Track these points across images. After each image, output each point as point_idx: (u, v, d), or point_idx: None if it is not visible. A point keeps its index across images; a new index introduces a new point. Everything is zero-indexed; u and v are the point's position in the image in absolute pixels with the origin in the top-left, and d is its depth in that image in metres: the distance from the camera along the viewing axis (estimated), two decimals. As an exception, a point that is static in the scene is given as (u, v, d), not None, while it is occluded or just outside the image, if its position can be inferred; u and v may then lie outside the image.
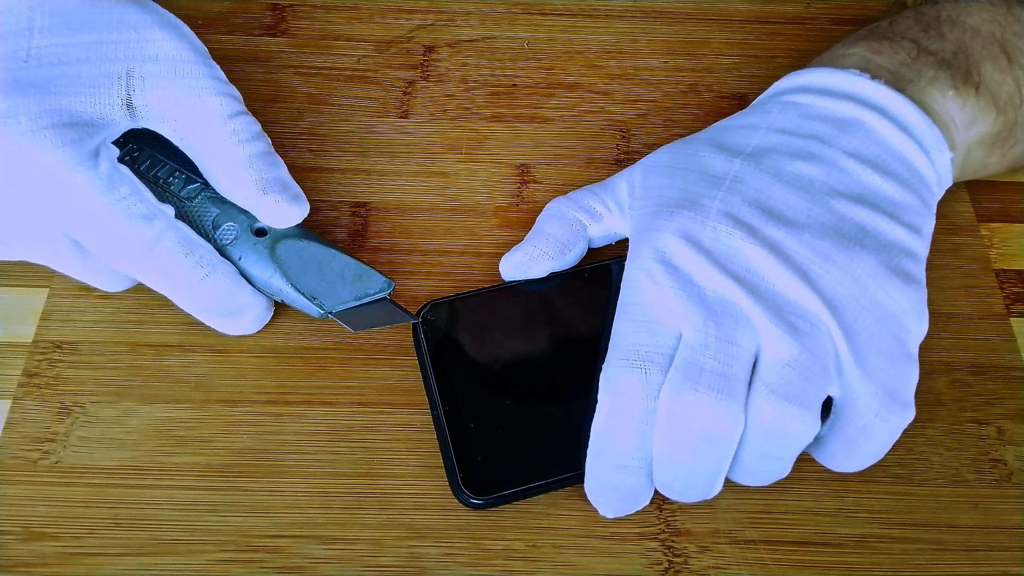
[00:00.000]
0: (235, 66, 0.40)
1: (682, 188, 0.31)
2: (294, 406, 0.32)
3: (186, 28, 0.32)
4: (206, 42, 0.33)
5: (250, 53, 0.41)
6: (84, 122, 0.29)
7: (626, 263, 0.30)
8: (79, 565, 0.29)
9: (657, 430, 0.27)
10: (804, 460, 0.31)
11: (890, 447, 0.28)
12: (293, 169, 0.33)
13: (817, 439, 0.29)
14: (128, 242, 0.29)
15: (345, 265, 0.32)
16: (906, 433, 0.27)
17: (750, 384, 0.27)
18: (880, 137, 0.31)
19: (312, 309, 0.31)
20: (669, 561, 0.30)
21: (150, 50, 0.30)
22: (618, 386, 0.27)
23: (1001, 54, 0.33)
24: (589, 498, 0.29)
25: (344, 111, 0.39)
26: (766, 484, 0.28)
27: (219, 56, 0.41)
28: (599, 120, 0.40)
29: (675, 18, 0.43)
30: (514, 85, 0.41)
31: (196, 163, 0.32)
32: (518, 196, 0.37)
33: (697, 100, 0.41)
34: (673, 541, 0.30)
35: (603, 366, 0.28)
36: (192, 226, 0.31)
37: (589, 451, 0.28)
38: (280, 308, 0.34)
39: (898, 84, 0.32)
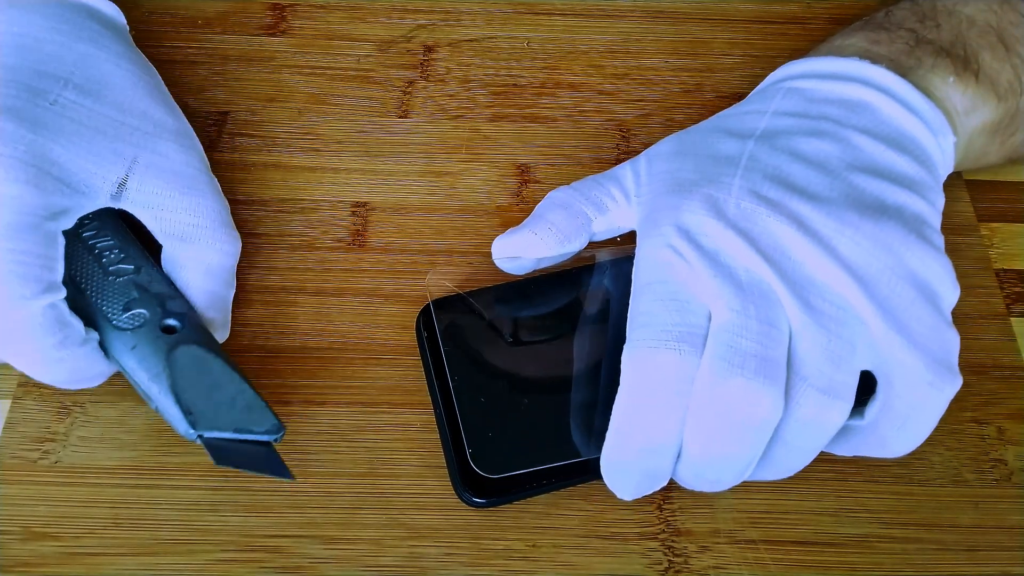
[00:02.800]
0: (235, 66, 0.40)
1: (696, 169, 0.30)
2: (294, 406, 0.32)
3: (198, 141, 0.33)
4: (206, 42, 0.33)
5: (250, 53, 0.41)
6: (69, 184, 0.29)
7: (639, 243, 0.29)
8: (79, 565, 0.29)
9: (693, 416, 0.26)
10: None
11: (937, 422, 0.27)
12: (293, 169, 0.33)
13: (857, 428, 0.28)
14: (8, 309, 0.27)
15: (240, 393, 0.28)
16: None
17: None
18: (888, 117, 0.31)
19: (182, 425, 0.27)
20: (669, 561, 0.30)
21: (161, 147, 0.31)
22: (648, 367, 0.26)
23: (998, 43, 0.33)
24: (605, 479, 0.28)
25: (344, 111, 0.39)
26: (783, 477, 0.28)
27: (219, 56, 0.41)
28: (600, 120, 0.40)
29: (676, 18, 0.43)
30: (515, 85, 0.41)
31: (164, 251, 0.31)
32: (518, 196, 0.37)
33: (698, 100, 0.41)
34: (673, 541, 0.30)
35: (626, 346, 0.27)
36: (102, 301, 0.30)
37: (610, 433, 0.27)
38: (281, 307, 0.34)
39: (899, 71, 0.32)
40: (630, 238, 0.32)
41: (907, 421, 0.27)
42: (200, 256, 0.31)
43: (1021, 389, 0.33)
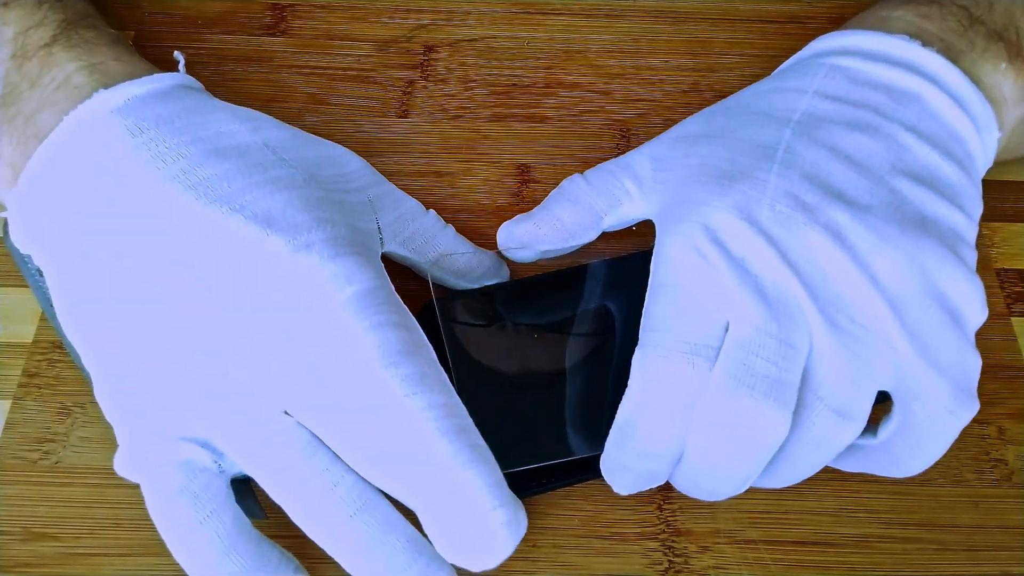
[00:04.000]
0: (235, 66, 0.40)
1: (727, 158, 0.28)
2: (294, 406, 0.32)
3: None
4: (206, 42, 0.33)
5: (250, 53, 0.41)
6: (366, 247, 0.28)
7: (660, 236, 0.28)
8: (79, 565, 0.29)
9: (696, 428, 0.25)
10: (804, 460, 0.31)
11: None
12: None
13: (867, 447, 0.27)
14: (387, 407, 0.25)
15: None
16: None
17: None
18: (936, 111, 0.29)
19: None
20: (669, 561, 0.30)
21: (361, 180, 0.32)
22: (658, 376, 0.25)
23: None
24: (604, 474, 0.28)
25: (344, 111, 0.39)
26: (781, 487, 0.28)
27: (219, 56, 0.41)
28: (599, 120, 0.40)
29: (676, 18, 0.43)
30: (515, 85, 0.41)
31: (416, 266, 0.33)
32: (518, 196, 0.37)
33: (698, 99, 0.41)
34: (673, 541, 0.30)
35: (638, 349, 0.26)
36: None
37: (613, 434, 0.27)
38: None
39: (950, 54, 0.29)
40: (645, 229, 0.32)
41: (922, 444, 0.26)
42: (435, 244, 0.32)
43: (1021, 389, 0.33)
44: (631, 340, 0.27)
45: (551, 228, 0.31)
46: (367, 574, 0.25)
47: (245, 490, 0.27)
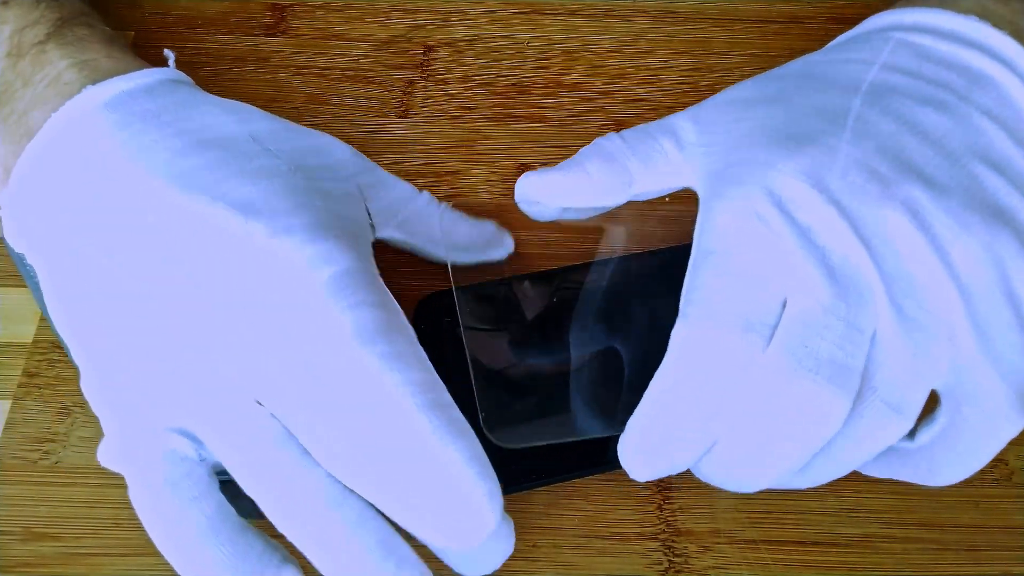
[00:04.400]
0: (235, 66, 0.40)
1: (790, 120, 0.26)
2: (294, 406, 0.32)
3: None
4: (206, 42, 0.33)
5: (250, 53, 0.41)
6: (350, 232, 0.28)
7: (706, 202, 0.26)
8: (79, 565, 0.29)
9: (742, 412, 0.23)
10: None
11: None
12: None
13: (903, 451, 0.25)
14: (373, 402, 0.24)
15: None
16: (907, 433, 0.27)
17: None
18: (1011, 99, 0.26)
19: None
20: (670, 561, 0.30)
21: (349, 168, 0.31)
22: (702, 350, 0.23)
23: None
24: (622, 458, 0.25)
25: (344, 111, 0.39)
26: (808, 487, 0.26)
27: (219, 56, 0.41)
28: (599, 120, 0.40)
29: (676, 18, 0.43)
30: (515, 85, 0.41)
31: (417, 248, 0.33)
32: (518, 196, 0.37)
33: (698, 99, 0.40)
34: (674, 541, 0.30)
35: (679, 321, 0.24)
36: None
37: (641, 411, 0.24)
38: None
39: (1020, 39, 0.27)
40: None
41: (967, 451, 0.24)
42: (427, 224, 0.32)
43: (1022, 388, 0.33)
44: (652, 331, 0.26)
45: (578, 183, 0.28)
46: (335, 569, 0.23)
47: (239, 489, 0.27)
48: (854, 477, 0.31)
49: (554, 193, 0.28)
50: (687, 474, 0.31)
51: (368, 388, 0.24)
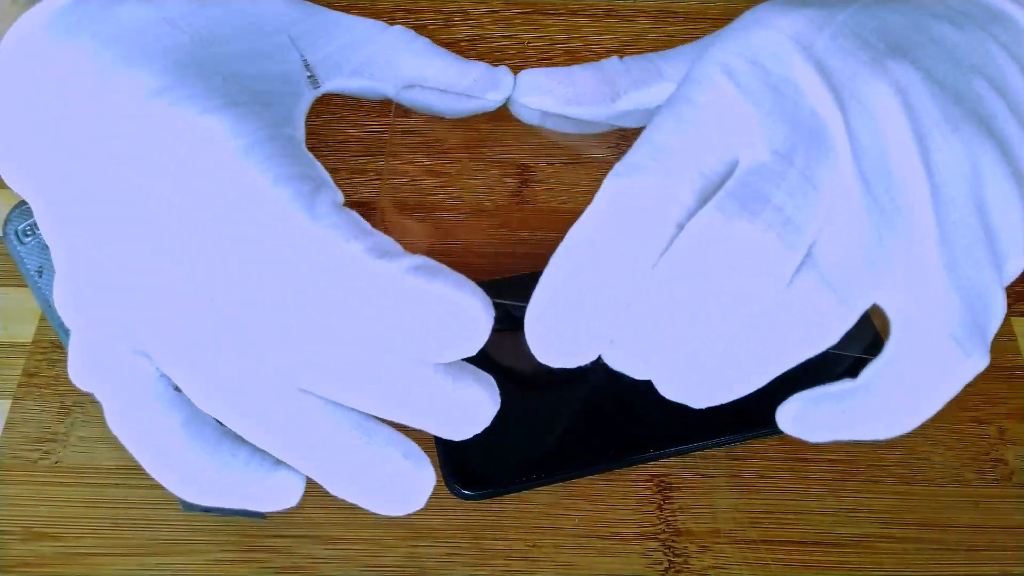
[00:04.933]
0: (235, 66, 0.40)
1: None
2: (294, 406, 0.32)
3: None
4: (206, 42, 0.32)
5: (250, 53, 0.41)
6: (267, 93, 0.25)
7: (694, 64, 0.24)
8: (79, 565, 0.29)
9: (666, 269, 0.20)
10: (801, 459, 0.31)
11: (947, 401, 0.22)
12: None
13: (847, 394, 0.22)
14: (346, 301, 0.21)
15: None
16: (907, 433, 0.27)
17: None
18: None
19: None
20: (669, 561, 0.30)
21: (278, 21, 0.28)
22: (635, 192, 0.20)
23: None
24: (528, 329, 0.21)
25: (344, 111, 0.39)
26: (746, 380, 0.21)
27: (219, 56, 0.41)
28: (599, 120, 0.40)
29: (675, 17, 0.43)
30: (514, 85, 0.41)
31: (401, 80, 0.29)
32: (518, 196, 0.37)
33: (697, 100, 0.41)
34: (673, 541, 0.30)
35: (617, 165, 0.22)
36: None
37: (554, 263, 0.21)
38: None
39: None
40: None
41: (916, 382, 0.22)
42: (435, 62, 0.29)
43: (1021, 389, 0.33)
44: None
45: (559, 84, 0.27)
46: (311, 460, 0.22)
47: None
48: (853, 477, 0.31)
49: (537, 87, 0.28)
50: (687, 474, 0.31)
51: (334, 259, 0.22)
